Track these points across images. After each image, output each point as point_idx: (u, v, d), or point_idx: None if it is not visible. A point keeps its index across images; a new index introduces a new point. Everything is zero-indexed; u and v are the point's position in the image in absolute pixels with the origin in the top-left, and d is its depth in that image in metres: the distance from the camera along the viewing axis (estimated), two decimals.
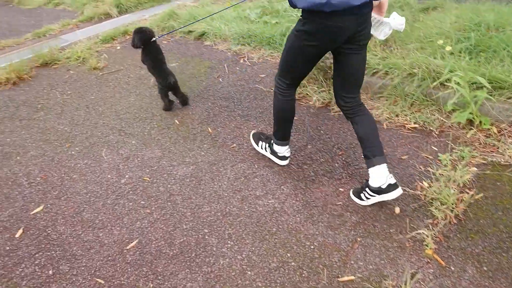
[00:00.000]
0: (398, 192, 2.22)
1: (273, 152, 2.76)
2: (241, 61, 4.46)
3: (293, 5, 2.03)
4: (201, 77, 4.15)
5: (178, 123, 3.37)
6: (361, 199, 2.38)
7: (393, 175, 2.28)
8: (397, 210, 2.32)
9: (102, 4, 6.38)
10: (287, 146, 2.70)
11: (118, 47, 5.03)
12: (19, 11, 6.93)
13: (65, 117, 3.54)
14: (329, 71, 3.59)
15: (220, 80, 4.06)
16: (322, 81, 3.62)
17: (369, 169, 2.28)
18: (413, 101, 3.18)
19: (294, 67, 2.32)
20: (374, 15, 2.21)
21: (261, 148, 2.87)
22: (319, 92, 3.55)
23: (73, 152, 3.06)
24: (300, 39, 2.14)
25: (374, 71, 3.43)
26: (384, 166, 2.23)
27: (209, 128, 3.26)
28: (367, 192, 2.32)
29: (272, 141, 2.74)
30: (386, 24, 2.25)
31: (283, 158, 2.74)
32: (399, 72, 3.27)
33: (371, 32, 2.23)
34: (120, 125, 3.37)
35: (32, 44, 5.29)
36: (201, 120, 3.38)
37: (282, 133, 2.64)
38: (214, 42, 4.95)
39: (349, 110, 2.36)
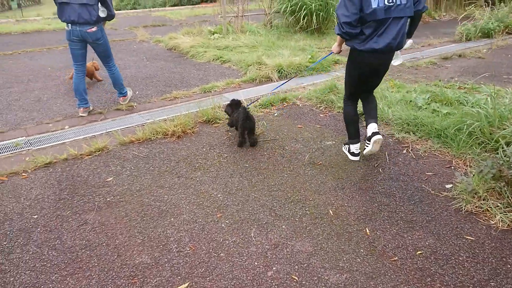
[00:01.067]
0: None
1: (349, 151, 3.96)
2: (404, 151, 4.08)
3: None
4: (358, 163, 3.87)
5: (332, 214, 3.10)
6: None
7: None
8: None
9: (265, 67, 6.64)
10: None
11: (276, 114, 5.06)
12: (191, 64, 7.61)
13: (219, 182, 3.55)
14: None
15: (380, 170, 3.72)
16: (509, 197, 3.04)
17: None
18: None
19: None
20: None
21: (345, 150, 4.06)
22: (505, 212, 2.97)
23: (223, 225, 2.98)
24: None
25: None
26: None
27: (366, 229, 2.91)
28: None
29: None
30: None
31: (354, 155, 3.93)
32: None
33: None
34: (271, 204, 3.22)
35: (199, 99, 5.67)
36: (357, 216, 3.06)
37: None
38: None
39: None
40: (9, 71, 7.10)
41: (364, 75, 3.57)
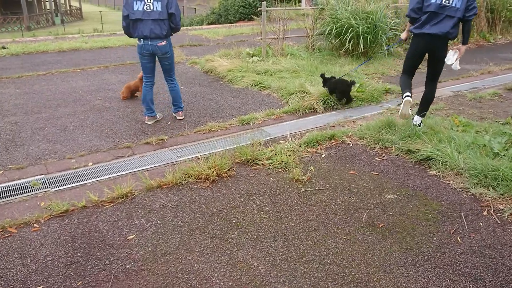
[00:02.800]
0: None
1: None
2: (485, 212, 3.34)
3: None
4: (429, 226, 3.16)
5: None
6: None
7: None
8: None
9: (309, 97, 6.03)
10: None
11: (323, 155, 4.42)
12: (228, 89, 7.10)
13: (260, 247, 2.93)
14: None
15: (459, 239, 3.00)
16: None
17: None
18: None
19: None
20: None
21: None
22: None
23: None
24: None
25: None
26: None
27: None
28: None
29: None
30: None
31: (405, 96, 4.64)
32: None
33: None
34: (325, 283, 2.57)
35: (236, 132, 5.11)
36: None
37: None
38: (443, 174, 3.94)
39: None
40: (40, 93, 6.81)
41: (419, 56, 4.76)
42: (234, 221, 3.26)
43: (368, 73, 7.96)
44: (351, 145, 4.68)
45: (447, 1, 4.28)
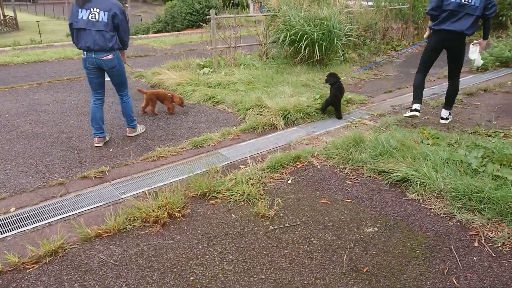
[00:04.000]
0: None
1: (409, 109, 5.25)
2: (476, 243, 2.97)
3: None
4: (419, 266, 2.74)
5: None
6: None
7: None
8: None
9: (267, 112, 5.53)
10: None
11: (289, 181, 3.93)
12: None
13: None
14: None
15: (455, 281, 2.59)
16: None
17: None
18: None
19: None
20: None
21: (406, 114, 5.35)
22: None
23: None
24: None
25: None
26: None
27: None
28: None
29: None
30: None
31: (410, 110, 5.22)
32: None
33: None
34: None
35: (189, 158, 4.52)
36: None
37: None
38: (422, 197, 3.56)
39: None
40: None
41: (436, 50, 5.11)
42: (191, 278, 2.67)
43: None
44: (318, 167, 4.23)
45: (466, 0, 4.61)
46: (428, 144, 4.55)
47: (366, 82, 7.87)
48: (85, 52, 4.47)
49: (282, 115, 5.48)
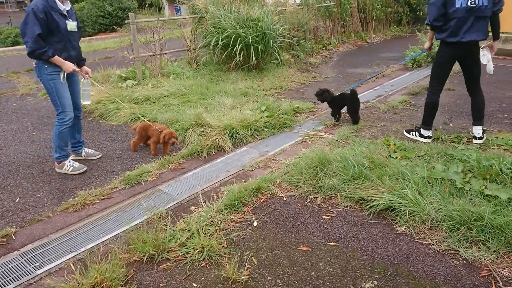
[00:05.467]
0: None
1: (421, 135, 4.62)
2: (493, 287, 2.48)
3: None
4: None
5: None
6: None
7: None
8: None
9: (211, 131, 4.76)
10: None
11: (255, 223, 3.21)
12: (100, 129, 5.46)
13: None
14: None
15: None
16: None
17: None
18: None
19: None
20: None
21: (413, 136, 4.70)
22: None
23: None
24: None
25: None
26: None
27: None
28: None
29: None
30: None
31: (426, 137, 4.59)
32: None
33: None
34: None
35: (124, 201, 3.61)
36: None
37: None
38: (414, 229, 3.04)
39: None
40: None
41: (452, 62, 4.42)
42: None
43: (265, 88, 6.98)
44: (284, 199, 3.56)
45: (472, 2, 3.98)
46: (396, 157, 4.09)
47: (307, 86, 7.38)
48: None
49: (228, 134, 4.72)
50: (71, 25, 3.90)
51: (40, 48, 3.68)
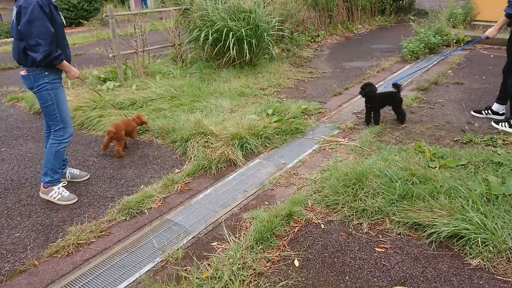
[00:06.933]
0: None
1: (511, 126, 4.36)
2: None
3: None
4: None
5: None
6: None
7: None
8: None
9: (215, 140, 4.11)
10: None
11: (296, 263, 2.62)
12: (83, 142, 4.70)
13: None
14: None
15: None
16: None
17: None
18: None
19: None
20: None
21: (503, 127, 4.41)
22: None
23: None
24: None
25: None
26: None
27: None
28: None
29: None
30: None
31: None
32: None
33: None
34: None
35: (127, 237, 2.93)
36: None
37: None
38: (490, 262, 2.52)
39: None
40: None
41: None
42: None
43: (262, 87, 6.36)
44: (322, 226, 2.98)
45: None
46: (435, 167, 3.59)
47: (306, 83, 6.80)
48: None
49: (238, 145, 4.09)
50: (62, 18, 3.21)
51: (55, 51, 3.02)
